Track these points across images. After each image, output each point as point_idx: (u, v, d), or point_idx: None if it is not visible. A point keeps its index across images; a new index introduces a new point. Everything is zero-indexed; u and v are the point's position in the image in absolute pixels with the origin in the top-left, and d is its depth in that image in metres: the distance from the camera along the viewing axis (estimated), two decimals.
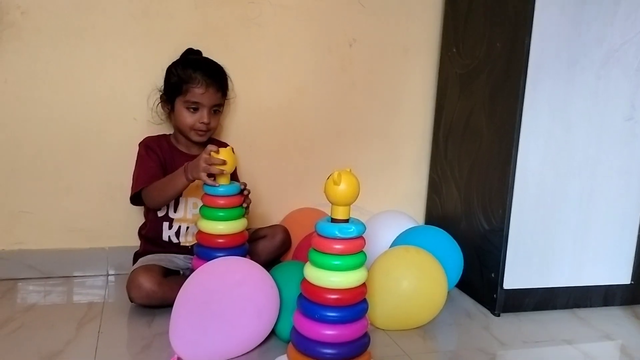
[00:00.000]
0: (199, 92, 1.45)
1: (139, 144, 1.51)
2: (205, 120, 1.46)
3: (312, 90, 1.77)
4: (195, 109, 1.46)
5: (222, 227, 1.30)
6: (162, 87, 1.53)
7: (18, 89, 1.52)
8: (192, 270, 1.30)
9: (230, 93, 1.57)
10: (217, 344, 1.14)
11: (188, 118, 1.47)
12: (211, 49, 1.57)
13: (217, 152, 1.31)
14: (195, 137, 1.49)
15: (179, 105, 1.47)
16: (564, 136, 1.45)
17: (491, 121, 1.54)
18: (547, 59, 1.39)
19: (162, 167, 1.48)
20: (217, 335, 1.13)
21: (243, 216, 1.35)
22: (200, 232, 1.33)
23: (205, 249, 1.32)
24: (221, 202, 1.30)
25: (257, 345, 1.21)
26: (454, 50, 1.74)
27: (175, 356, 1.13)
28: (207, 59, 1.53)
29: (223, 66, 1.54)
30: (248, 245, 1.39)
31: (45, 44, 1.53)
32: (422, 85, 1.87)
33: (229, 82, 1.55)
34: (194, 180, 1.35)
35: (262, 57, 1.71)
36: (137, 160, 1.50)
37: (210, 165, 1.29)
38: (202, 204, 1.34)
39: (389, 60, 1.82)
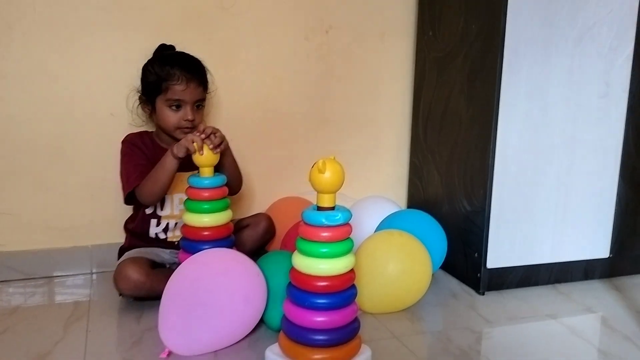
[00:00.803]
0: (179, 88, 1.41)
1: (122, 142, 1.47)
2: (190, 117, 1.42)
3: (291, 79, 1.77)
4: (178, 107, 1.42)
5: (207, 220, 1.30)
6: (140, 88, 1.49)
7: None
8: (179, 264, 1.30)
9: (210, 86, 1.54)
10: (206, 334, 1.14)
11: (172, 117, 1.43)
12: (187, 41, 1.55)
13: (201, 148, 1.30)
14: (181, 136, 1.43)
15: (160, 104, 1.43)
16: (541, 116, 1.47)
17: (470, 104, 1.55)
18: (522, 40, 1.41)
19: (148, 161, 1.44)
20: (206, 325, 1.14)
21: (228, 207, 1.34)
22: (185, 226, 1.33)
23: (191, 242, 1.31)
24: (205, 194, 1.30)
25: (246, 334, 1.21)
26: (430, 33, 1.75)
27: (167, 350, 1.13)
28: (183, 53, 1.49)
29: (200, 59, 1.50)
30: (234, 236, 1.39)
31: (16, 41, 1.49)
32: (400, 70, 1.88)
33: (209, 76, 1.51)
34: (180, 157, 1.33)
35: (239, 47, 1.70)
36: (122, 159, 1.46)
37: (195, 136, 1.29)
38: (186, 198, 1.33)
39: (365, 45, 1.83)
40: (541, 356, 1.20)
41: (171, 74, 1.41)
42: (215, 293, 1.14)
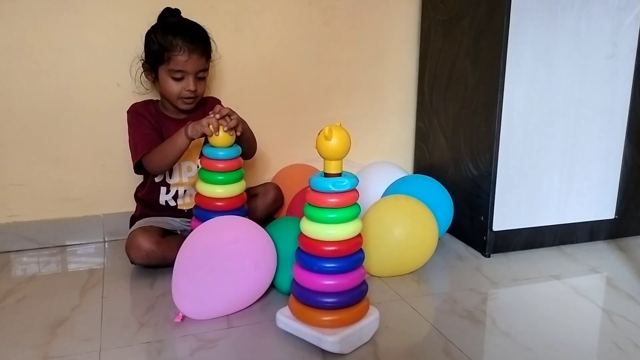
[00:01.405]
0: (182, 59, 1.40)
1: (127, 112, 1.48)
2: (192, 87, 1.42)
3: (295, 45, 1.76)
4: (180, 78, 1.42)
5: (220, 191, 1.30)
6: (143, 55, 1.48)
7: None
8: (190, 231, 1.32)
9: (214, 55, 1.53)
10: (219, 299, 1.18)
11: (174, 87, 1.42)
12: (192, 8, 1.54)
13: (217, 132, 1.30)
14: (183, 106, 1.45)
15: (163, 74, 1.43)
16: (547, 78, 1.47)
17: (475, 67, 1.54)
18: (528, 1, 1.39)
19: (155, 130, 1.45)
20: (219, 290, 1.17)
21: (242, 178, 1.34)
22: (198, 195, 1.33)
23: (204, 212, 1.32)
24: (220, 165, 1.29)
25: (258, 298, 1.25)
26: None
27: (180, 314, 1.16)
28: (186, 20, 1.47)
29: (205, 27, 1.49)
30: (247, 206, 1.40)
31: (22, 12, 1.49)
32: (405, 34, 1.86)
33: (212, 44, 1.50)
34: (194, 139, 1.33)
35: (243, 14, 1.68)
36: (129, 129, 1.46)
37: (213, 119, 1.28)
38: (201, 167, 1.33)
39: (370, 9, 1.81)
40: (546, 316, 1.23)
41: (174, 44, 1.39)
42: (226, 261, 1.16)
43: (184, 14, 1.50)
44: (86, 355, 1.07)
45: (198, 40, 1.43)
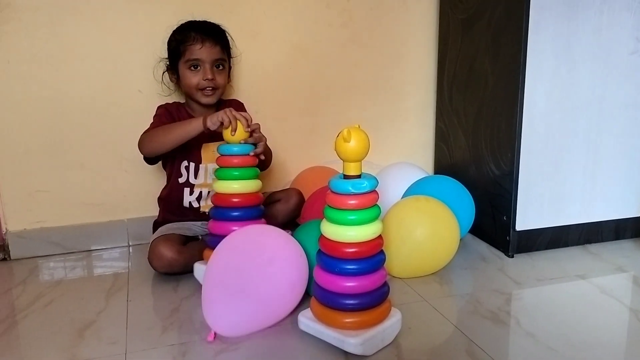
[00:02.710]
0: (196, 48, 1.45)
1: (158, 107, 1.51)
2: (209, 75, 1.45)
3: (313, 48, 1.76)
4: (196, 67, 1.46)
5: (237, 187, 1.31)
6: (167, 58, 1.53)
7: (21, 69, 1.53)
8: (209, 233, 1.35)
9: (234, 51, 1.56)
10: (253, 320, 1.14)
11: (192, 78, 1.46)
12: (211, 13, 1.57)
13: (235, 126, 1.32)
14: (203, 99, 1.48)
15: (182, 68, 1.48)
16: (569, 75, 1.45)
17: (495, 65, 1.53)
18: None
19: None
20: (254, 312, 1.12)
21: (257, 176, 1.35)
22: (215, 195, 1.34)
23: (221, 210, 1.33)
24: (235, 160, 1.31)
25: (289, 314, 1.21)
26: None
27: (212, 333, 1.14)
28: (203, 20, 1.53)
29: (224, 27, 1.54)
30: (264, 208, 1.41)
31: (44, 22, 1.52)
32: (423, 34, 1.85)
33: (230, 39, 1.54)
34: (207, 129, 1.34)
35: (262, 17, 1.70)
36: (153, 118, 1.49)
37: (234, 118, 1.30)
38: (217, 168, 1.35)
39: (388, 10, 1.80)
40: (571, 316, 1.21)
41: (188, 36, 1.46)
42: (262, 284, 1.12)
43: (202, 18, 1.53)
44: (112, 358, 1.08)
45: (211, 31, 1.49)
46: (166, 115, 1.49)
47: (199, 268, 1.36)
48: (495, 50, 1.53)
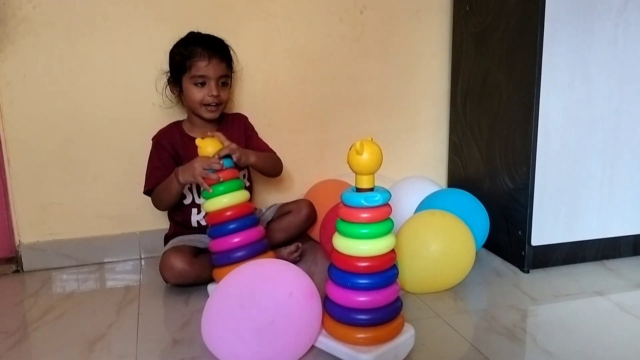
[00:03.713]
0: (202, 64, 1.44)
1: (152, 139, 1.52)
2: (214, 92, 1.45)
3: (326, 61, 1.77)
4: (203, 84, 1.46)
5: (226, 200, 1.31)
6: (168, 71, 1.53)
7: (37, 82, 1.55)
8: (211, 253, 1.35)
9: (236, 66, 1.57)
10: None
11: (197, 94, 1.46)
12: (223, 27, 1.57)
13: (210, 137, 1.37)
14: (207, 114, 1.49)
15: (187, 83, 1.48)
16: (585, 88, 1.43)
17: (510, 78, 1.52)
18: (563, 9, 1.37)
19: (173, 162, 1.48)
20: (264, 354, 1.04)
21: (242, 187, 1.37)
22: (208, 215, 1.34)
23: (217, 227, 1.32)
24: (220, 175, 1.32)
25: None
26: (467, 8, 1.71)
27: None
28: (207, 34, 1.52)
29: (234, 44, 1.54)
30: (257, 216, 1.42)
31: (59, 36, 1.54)
32: (436, 47, 1.85)
33: (233, 55, 1.54)
34: (187, 183, 1.38)
35: (274, 32, 1.70)
36: (149, 157, 1.52)
37: (206, 171, 1.32)
38: (202, 190, 1.35)
39: (401, 24, 1.80)
40: (589, 333, 1.19)
41: (194, 51, 1.45)
42: (275, 333, 1.02)
43: (215, 32, 1.54)
44: None
45: (217, 47, 1.48)
46: (158, 153, 1.50)
47: (211, 288, 1.37)
48: (509, 64, 1.51)
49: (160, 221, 1.63)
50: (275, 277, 1.09)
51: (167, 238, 1.54)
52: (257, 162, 1.47)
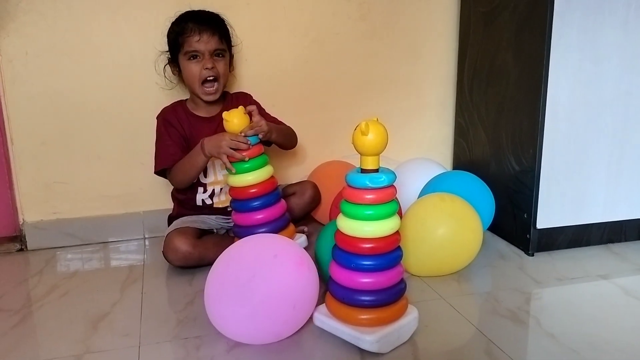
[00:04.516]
0: (194, 39, 1.43)
1: (157, 117, 1.50)
2: (209, 65, 1.43)
3: (332, 41, 1.74)
4: (195, 57, 1.44)
5: (250, 178, 1.32)
6: (168, 51, 1.51)
7: (39, 60, 1.53)
8: (233, 226, 1.36)
9: (235, 40, 1.54)
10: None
11: (193, 69, 1.45)
12: (229, 6, 1.56)
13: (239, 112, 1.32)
14: (205, 97, 1.47)
15: (183, 61, 1.46)
16: (594, 69, 1.41)
17: (518, 59, 1.49)
18: None
19: (183, 140, 1.47)
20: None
21: (267, 163, 1.36)
22: (232, 189, 1.35)
23: (241, 202, 1.34)
24: (245, 153, 1.31)
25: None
26: None
27: None
28: (199, 10, 1.50)
29: (239, 24, 1.52)
30: (280, 190, 1.41)
31: (62, 14, 1.52)
32: (444, 28, 1.82)
33: (231, 29, 1.52)
34: (211, 157, 1.37)
35: (279, 11, 1.68)
36: (156, 135, 1.49)
37: (234, 149, 1.30)
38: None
39: (407, 3, 1.78)
40: (593, 317, 1.18)
41: (185, 27, 1.44)
42: (258, 287, 1.03)
43: (219, 10, 1.52)
44: (126, 350, 1.08)
45: (208, 20, 1.46)
46: (168, 131, 1.47)
47: None
48: (517, 44, 1.49)
49: (164, 201, 1.63)
50: (264, 243, 1.12)
51: (171, 219, 1.54)
52: (278, 137, 1.46)
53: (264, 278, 1.03)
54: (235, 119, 1.33)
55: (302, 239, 1.42)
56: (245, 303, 1.02)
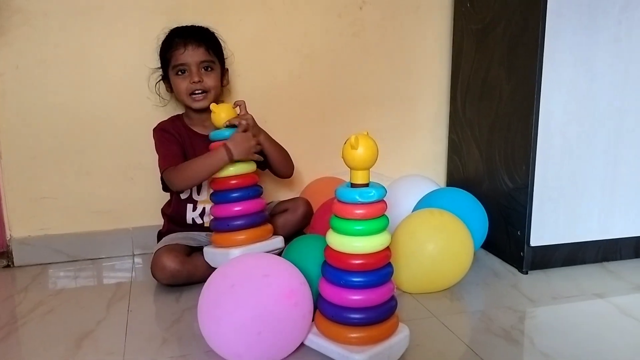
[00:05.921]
0: (179, 53, 1.43)
1: (153, 130, 1.49)
2: (195, 78, 1.43)
3: (324, 57, 1.74)
4: (183, 72, 1.44)
5: (232, 169, 1.34)
6: (160, 68, 1.52)
7: (30, 74, 1.53)
8: (211, 220, 1.38)
9: (226, 53, 1.54)
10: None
11: (181, 83, 1.45)
12: (221, 22, 1.55)
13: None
14: (194, 104, 1.46)
15: (172, 76, 1.47)
16: (587, 86, 1.40)
17: (510, 76, 1.49)
18: (565, 5, 1.34)
19: (181, 147, 1.46)
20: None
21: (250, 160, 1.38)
22: (213, 180, 1.36)
23: (220, 193, 1.35)
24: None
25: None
26: (468, 5, 1.69)
27: None
28: (186, 25, 1.50)
29: (232, 40, 1.52)
30: (262, 188, 1.41)
31: (53, 27, 1.52)
32: (436, 44, 1.82)
33: (220, 40, 1.52)
34: (238, 161, 1.35)
35: (272, 27, 1.68)
36: (156, 143, 1.47)
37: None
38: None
39: (400, 20, 1.78)
40: (588, 336, 1.16)
41: (171, 42, 1.45)
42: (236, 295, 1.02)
43: (211, 25, 1.52)
44: None
45: (193, 33, 1.47)
46: (167, 137, 1.46)
47: (207, 251, 1.38)
48: (510, 61, 1.49)
49: (154, 217, 1.60)
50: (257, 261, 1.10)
51: (161, 235, 1.52)
52: (270, 148, 1.46)
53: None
54: (222, 113, 1.37)
55: (277, 239, 1.40)
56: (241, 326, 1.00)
